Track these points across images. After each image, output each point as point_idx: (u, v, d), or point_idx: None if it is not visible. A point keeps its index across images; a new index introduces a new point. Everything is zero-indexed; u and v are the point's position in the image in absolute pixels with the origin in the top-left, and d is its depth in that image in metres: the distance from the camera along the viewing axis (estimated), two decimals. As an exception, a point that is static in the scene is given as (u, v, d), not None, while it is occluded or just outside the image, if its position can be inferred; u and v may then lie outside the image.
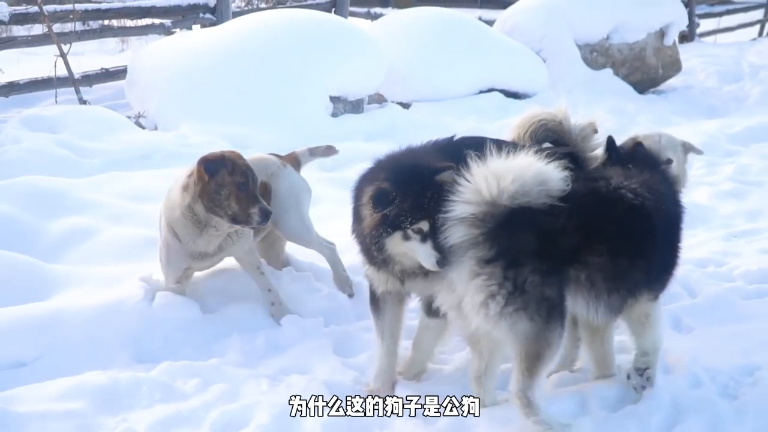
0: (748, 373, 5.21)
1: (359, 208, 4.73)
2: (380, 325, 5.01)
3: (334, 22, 12.03)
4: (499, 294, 4.23)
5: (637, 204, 4.61)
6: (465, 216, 4.28)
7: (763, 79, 16.15)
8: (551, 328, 4.32)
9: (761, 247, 7.59)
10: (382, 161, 4.83)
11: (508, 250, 4.24)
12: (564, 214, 4.34)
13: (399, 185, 4.49)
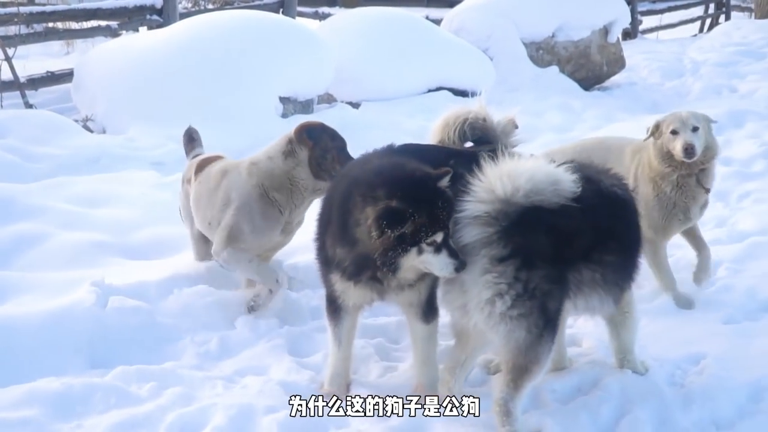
0: (694, 361, 5.36)
1: (350, 225, 4.43)
2: (337, 332, 4.94)
3: (282, 23, 12.04)
4: (507, 294, 4.26)
5: (627, 199, 4.87)
6: (479, 214, 4.30)
7: (704, 75, 16.41)
8: (543, 343, 4.37)
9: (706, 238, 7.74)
10: (369, 171, 4.53)
11: (522, 250, 4.27)
12: (576, 215, 4.39)
13: (409, 200, 4.27)
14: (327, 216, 4.70)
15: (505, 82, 13.95)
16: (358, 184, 4.47)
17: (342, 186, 4.62)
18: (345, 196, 4.49)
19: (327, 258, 4.70)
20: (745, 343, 5.67)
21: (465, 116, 5.58)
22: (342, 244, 4.51)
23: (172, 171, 9.04)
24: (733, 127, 12.49)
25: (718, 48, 18.93)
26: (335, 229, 4.55)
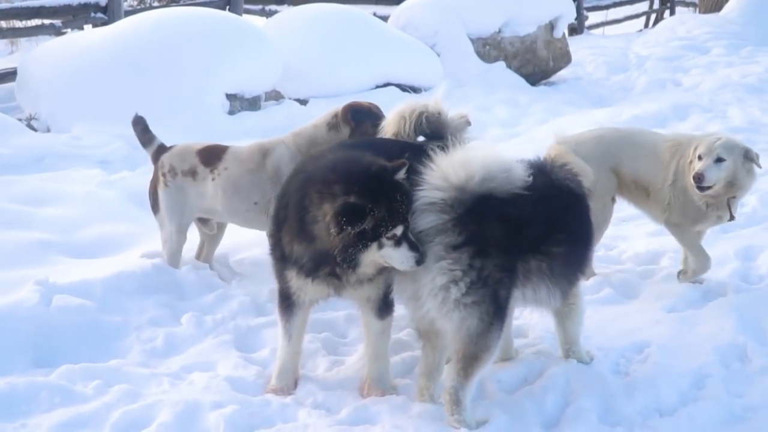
0: (638, 350, 5.45)
1: (308, 222, 4.41)
2: (288, 328, 4.93)
3: (228, 20, 11.98)
4: (461, 281, 4.29)
5: (579, 193, 4.91)
6: (434, 201, 4.32)
7: (648, 69, 16.61)
8: (494, 331, 4.42)
9: (649, 230, 7.87)
10: (323, 167, 4.51)
11: (476, 238, 4.30)
12: (527, 206, 4.43)
13: (368, 195, 4.25)
14: (283, 213, 4.65)
15: (452, 77, 13.99)
16: (313, 180, 4.43)
17: (297, 182, 4.59)
18: (301, 193, 4.46)
19: (283, 254, 4.67)
20: (688, 331, 5.76)
21: (421, 110, 5.58)
22: (299, 241, 4.49)
23: (118, 169, 8.98)
24: (677, 120, 12.70)
25: (663, 43, 19.15)
26: (292, 225, 4.52)
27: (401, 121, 5.59)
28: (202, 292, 6.16)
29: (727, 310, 5.98)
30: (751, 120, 12.38)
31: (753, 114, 12.87)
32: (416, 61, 13.65)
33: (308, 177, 4.51)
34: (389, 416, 4.61)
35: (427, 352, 4.72)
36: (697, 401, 4.89)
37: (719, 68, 16.80)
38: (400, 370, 5.21)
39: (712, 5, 22.56)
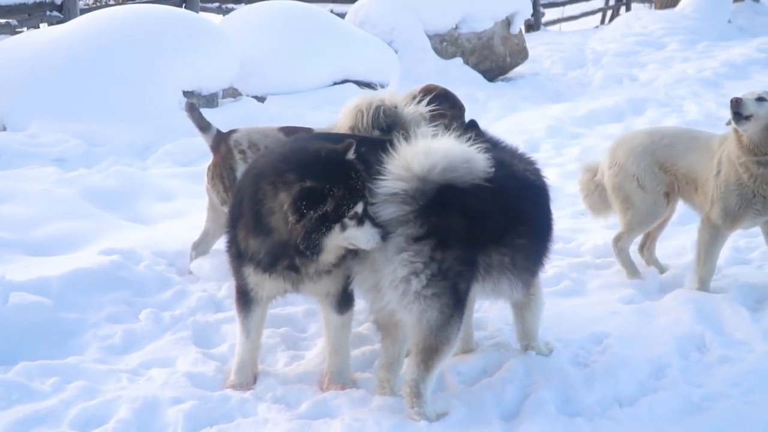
0: (597, 341, 5.49)
1: (264, 216, 4.36)
2: (246, 324, 4.90)
3: (184, 17, 11.90)
4: (423, 273, 4.28)
5: (540, 184, 4.94)
6: (396, 192, 4.30)
7: (605, 65, 16.75)
8: (453, 323, 4.41)
9: (606, 222, 7.91)
10: (272, 159, 4.49)
11: (438, 230, 4.29)
12: (489, 198, 4.43)
13: (323, 177, 4.23)
14: (237, 210, 4.62)
15: (410, 74, 14.00)
16: (264, 174, 4.41)
17: (249, 179, 4.56)
18: (253, 188, 4.43)
19: (239, 251, 4.63)
20: (646, 322, 5.81)
21: (378, 103, 5.53)
22: (255, 235, 4.46)
23: (75, 167, 8.89)
24: (634, 114, 12.84)
25: (619, 38, 19.34)
26: (247, 221, 4.48)
27: (358, 114, 5.53)
28: (160, 288, 6.13)
29: (685, 300, 6.04)
30: (707, 114, 12.53)
31: (709, 108, 13.03)
32: (374, 57, 13.64)
33: (259, 172, 4.48)
34: (349, 410, 4.60)
35: (386, 344, 4.71)
36: (656, 391, 4.92)
37: (675, 63, 17.01)
38: (359, 363, 5.20)
39: (668, 1, 22.80)
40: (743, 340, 5.57)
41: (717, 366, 5.25)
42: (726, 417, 4.64)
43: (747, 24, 21.99)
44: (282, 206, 4.25)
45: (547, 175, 5.35)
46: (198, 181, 8.41)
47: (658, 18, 21.11)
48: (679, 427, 4.58)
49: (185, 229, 7.13)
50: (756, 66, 16.84)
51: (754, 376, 5.08)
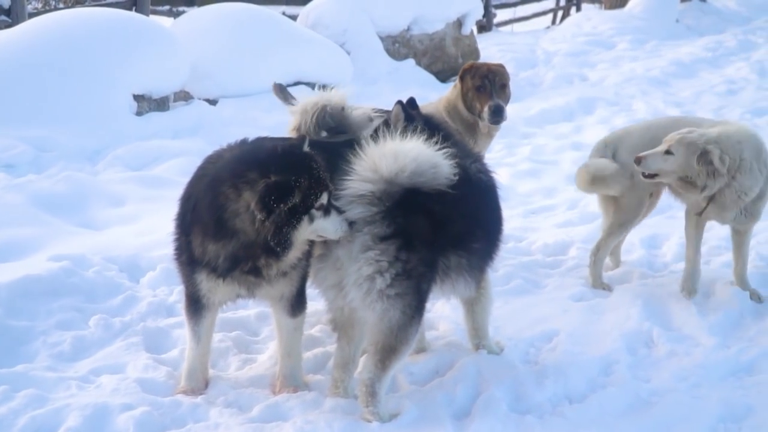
0: (548, 339, 5.55)
1: (226, 219, 4.31)
2: (197, 330, 4.86)
3: (133, 20, 11.79)
4: (387, 272, 4.30)
5: (492, 185, 4.97)
6: (363, 194, 4.32)
7: (556, 65, 16.87)
8: (413, 324, 4.45)
9: (557, 221, 8.03)
10: (228, 163, 4.45)
11: (403, 231, 4.32)
12: (451, 202, 4.48)
13: (287, 170, 4.23)
14: (189, 216, 4.57)
15: (362, 75, 14.04)
16: (220, 178, 4.38)
17: (202, 186, 4.51)
18: (211, 194, 4.38)
19: (192, 258, 4.58)
20: (596, 319, 5.89)
21: (324, 103, 5.51)
22: (216, 241, 4.41)
23: (24, 173, 8.78)
24: (584, 113, 12.96)
25: (570, 39, 19.48)
26: (206, 227, 4.42)
27: (304, 114, 5.51)
28: (110, 294, 6.09)
29: (633, 297, 6.12)
30: (655, 112, 12.67)
31: (657, 106, 13.19)
32: (326, 59, 13.63)
33: (214, 178, 4.44)
34: (301, 412, 4.62)
35: (342, 344, 4.73)
36: (605, 387, 4.99)
37: (624, 63, 17.19)
38: (311, 366, 5.22)
39: (617, 1, 23.03)
40: (690, 335, 5.67)
41: (665, 361, 5.35)
42: (673, 411, 4.72)
43: (694, 23, 22.26)
44: (248, 206, 4.24)
45: (500, 174, 5.40)
46: (149, 186, 8.38)
47: (608, 18, 21.31)
48: (627, 423, 4.65)
49: (136, 235, 7.09)
50: (703, 64, 17.08)
51: (701, 370, 5.19)
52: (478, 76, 6.65)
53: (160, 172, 8.97)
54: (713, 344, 5.50)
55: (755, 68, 16.48)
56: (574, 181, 6.68)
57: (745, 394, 4.93)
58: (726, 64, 17.22)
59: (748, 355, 5.40)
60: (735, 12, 24.46)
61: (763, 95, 14.11)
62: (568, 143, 11.17)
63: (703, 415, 4.67)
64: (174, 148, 9.73)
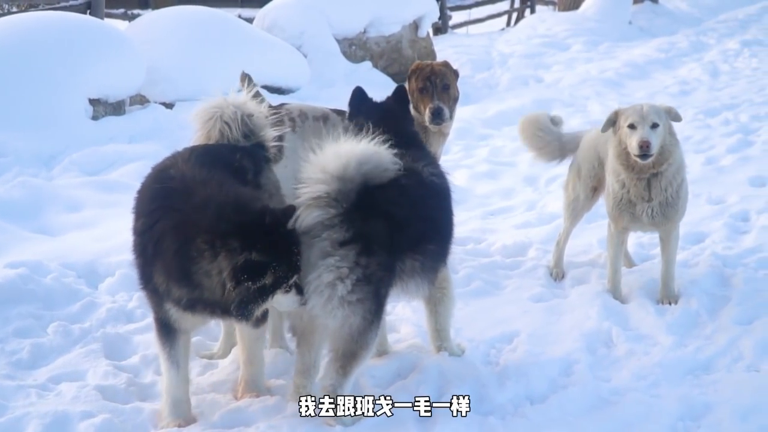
0: (508, 340, 5.59)
1: (195, 272, 4.18)
2: (173, 355, 4.60)
3: (88, 23, 11.68)
4: (348, 278, 4.28)
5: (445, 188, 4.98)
6: (319, 195, 4.30)
7: (511, 67, 16.95)
8: (373, 329, 4.45)
9: (515, 222, 8.08)
10: (207, 209, 4.21)
11: (363, 235, 4.31)
12: (406, 205, 4.52)
13: (269, 251, 4.13)
14: (152, 247, 4.35)
15: (319, 78, 14.02)
16: (197, 226, 4.19)
17: (170, 220, 4.30)
18: (181, 238, 4.20)
19: (156, 289, 4.42)
20: (555, 320, 5.95)
21: (240, 110, 5.14)
22: (180, 286, 4.27)
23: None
24: (540, 115, 12.97)
25: (525, 40, 19.59)
26: (170, 270, 4.28)
27: (224, 127, 5.09)
28: (68, 300, 6.03)
29: (591, 297, 6.19)
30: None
31: (612, 107, 13.17)
32: (283, 62, 13.60)
33: (188, 220, 4.23)
34: (264, 417, 4.61)
35: (302, 351, 4.69)
36: (566, 387, 5.03)
37: (579, 64, 17.31)
38: (273, 371, 5.19)
39: (571, 3, 23.19)
40: (648, 334, 5.74)
41: (624, 360, 5.41)
42: (633, 410, 4.78)
43: (647, 25, 22.47)
44: (220, 271, 4.12)
45: (455, 176, 5.42)
46: (106, 191, 8.30)
47: (562, 20, 21.47)
48: (588, 422, 4.69)
49: (94, 240, 7.03)
50: (656, 65, 17.26)
51: (659, 369, 5.25)
52: (421, 78, 6.63)
53: (117, 177, 8.89)
54: (671, 343, 5.58)
55: (707, 69, 16.69)
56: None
57: (703, 392, 4.99)
58: (678, 65, 17.42)
59: (705, 353, 5.48)
60: (687, 13, 24.73)
61: (715, 96, 14.29)
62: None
63: (662, 414, 4.73)
64: (131, 152, 9.64)
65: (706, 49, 19.10)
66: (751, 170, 9.68)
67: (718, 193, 8.86)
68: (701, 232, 7.68)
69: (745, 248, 7.24)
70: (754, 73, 16.28)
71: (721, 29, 21.96)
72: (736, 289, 6.33)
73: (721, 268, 6.74)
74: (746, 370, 5.27)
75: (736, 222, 7.97)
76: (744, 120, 12.35)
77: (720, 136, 11.44)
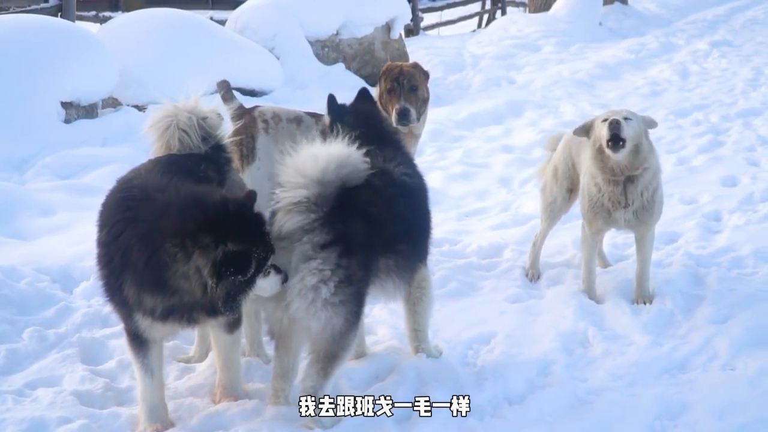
0: (485, 341, 5.61)
1: (169, 278, 4.12)
2: (147, 363, 4.55)
3: (59, 26, 11.62)
4: (331, 280, 4.30)
5: (416, 186, 5.01)
6: (299, 200, 4.31)
7: (483, 68, 16.99)
8: (354, 330, 4.49)
9: (490, 224, 8.11)
10: (171, 214, 4.14)
11: (343, 237, 4.32)
12: (382, 206, 4.54)
13: (244, 238, 4.09)
14: (117, 260, 4.29)
15: (292, 80, 14.00)
16: (163, 232, 4.11)
17: (135, 230, 4.22)
18: (150, 247, 4.13)
19: (124, 301, 4.34)
20: (532, 320, 5.97)
21: (195, 116, 5.15)
22: (154, 295, 4.21)
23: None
24: (512, 116, 13.08)
25: (496, 42, 19.63)
26: (142, 279, 4.19)
27: (183, 135, 5.07)
28: (43, 305, 6.00)
29: (567, 297, 6.22)
30: (582, 114, 12.82)
31: (584, 108, 13.37)
32: (256, 64, 13.56)
33: (153, 229, 4.15)
34: (242, 421, 4.60)
35: (281, 353, 4.69)
36: (543, 388, 5.06)
37: (550, 65, 17.38)
38: (249, 374, 5.18)
39: (541, 5, 23.26)
40: (624, 334, 5.77)
41: (600, 360, 5.44)
42: (610, 409, 4.81)
43: (617, 26, 22.60)
44: (198, 270, 4.06)
45: (430, 179, 5.43)
46: (79, 194, 8.25)
47: (533, 21, 21.54)
48: (566, 422, 4.72)
49: (68, 244, 6.99)
50: (626, 66, 17.35)
51: (636, 368, 5.29)
52: (390, 79, 6.70)
53: (90, 180, 8.84)
54: (646, 343, 5.62)
55: (677, 70, 16.81)
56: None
57: (680, 391, 5.04)
58: (649, 66, 17.53)
59: (680, 352, 5.52)
60: (656, 14, 24.91)
61: (685, 96, 14.40)
62: (499, 146, 11.28)
63: (639, 413, 4.76)
64: (103, 155, 9.60)
65: (675, 50, 19.26)
66: (723, 170, 9.78)
67: (690, 193, 8.95)
68: (674, 232, 7.75)
69: (718, 248, 7.31)
70: (724, 74, 16.42)
71: (690, 30, 22.15)
72: (710, 289, 6.38)
73: (694, 268, 6.79)
74: (722, 368, 5.31)
75: (708, 222, 8.06)
76: (714, 120, 12.47)
77: (691, 137, 11.55)
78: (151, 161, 4.87)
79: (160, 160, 4.85)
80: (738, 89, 14.75)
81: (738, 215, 8.17)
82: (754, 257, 7.04)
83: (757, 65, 17.00)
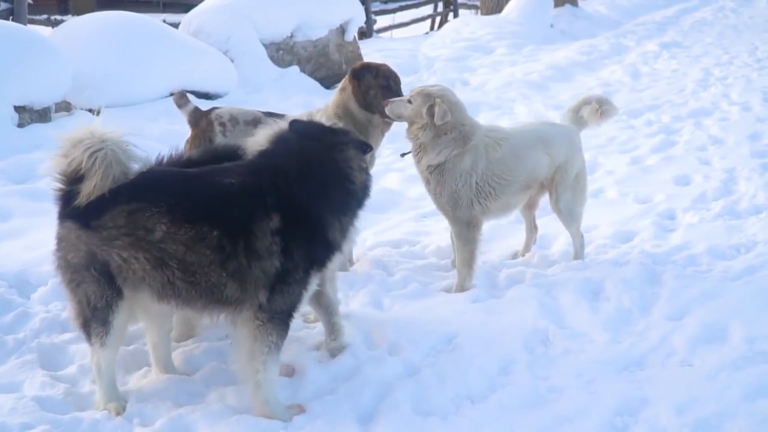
0: (447, 340, 5.64)
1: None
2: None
3: (12, 30, 11.46)
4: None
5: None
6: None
7: (437, 70, 17.05)
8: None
9: (447, 224, 8.10)
10: None
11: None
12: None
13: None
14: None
15: (247, 83, 13.95)
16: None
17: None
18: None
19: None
20: (493, 320, 6.00)
21: (108, 138, 4.96)
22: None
23: None
24: (467, 118, 13.07)
25: (449, 44, 19.71)
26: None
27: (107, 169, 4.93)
28: (1, 311, 5.93)
29: (527, 296, 6.26)
30: (536, 115, 12.97)
31: (537, 109, 13.48)
32: (210, 67, 13.50)
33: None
34: (206, 424, 4.60)
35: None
36: (505, 386, 5.11)
37: (504, 67, 17.47)
38: (213, 378, 5.18)
39: (493, 7, 23.37)
40: (583, 332, 5.83)
41: (561, 358, 5.49)
42: (571, 407, 4.87)
43: (568, 28, 22.77)
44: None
45: (388, 180, 5.44)
46: (35, 199, 8.16)
47: (485, 23, 21.64)
48: (527, 420, 4.76)
49: (24, 249, 6.92)
50: (578, 68, 17.50)
51: (596, 365, 5.35)
52: (382, 77, 6.77)
53: (45, 185, 8.68)
54: (605, 340, 5.68)
55: (628, 71, 16.99)
56: None
57: (639, 387, 5.10)
58: (600, 67, 17.71)
59: (638, 349, 5.59)
60: (605, 16, 25.15)
61: (637, 97, 14.56)
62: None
63: (600, 409, 4.82)
64: (58, 160, 9.49)
65: (626, 52, 19.48)
66: (676, 169, 9.91)
67: (644, 193, 9.07)
68: (630, 230, 7.86)
69: (673, 245, 7.42)
70: (674, 75, 16.63)
71: (639, 32, 22.43)
72: (666, 286, 6.46)
73: (650, 266, 6.88)
74: (680, 365, 5.39)
75: (663, 220, 8.17)
76: (666, 120, 12.64)
77: (644, 137, 11.70)
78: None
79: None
80: (688, 90, 14.95)
81: (692, 213, 8.29)
82: (708, 255, 7.15)
83: (707, 66, 17.25)
